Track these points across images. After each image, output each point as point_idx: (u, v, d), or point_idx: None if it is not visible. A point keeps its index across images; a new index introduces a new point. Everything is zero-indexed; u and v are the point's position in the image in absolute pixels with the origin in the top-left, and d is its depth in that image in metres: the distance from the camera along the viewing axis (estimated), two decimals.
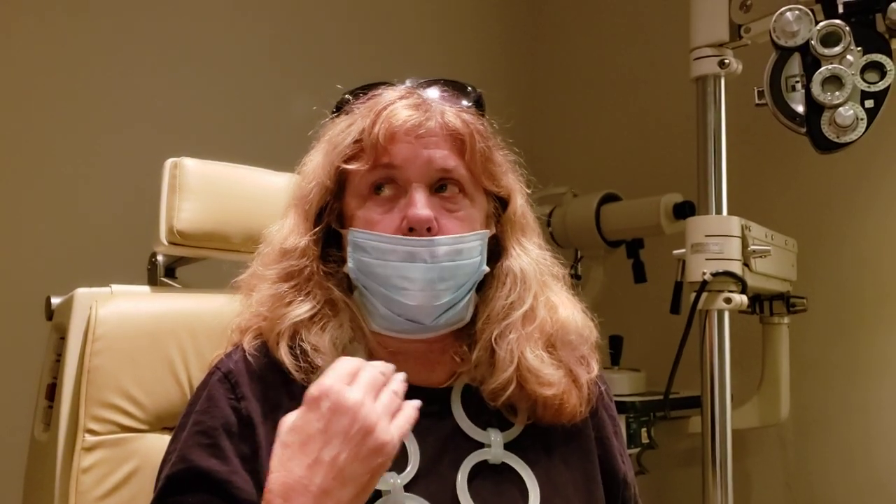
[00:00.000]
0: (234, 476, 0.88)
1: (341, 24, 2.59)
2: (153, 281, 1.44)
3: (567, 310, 1.00)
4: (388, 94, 0.97)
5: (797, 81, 1.35)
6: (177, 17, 2.26)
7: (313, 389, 0.79)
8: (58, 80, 2.04)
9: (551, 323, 0.98)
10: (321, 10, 2.55)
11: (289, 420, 0.80)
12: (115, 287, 1.25)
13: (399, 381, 0.83)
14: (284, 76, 2.41)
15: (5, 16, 1.99)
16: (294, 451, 0.77)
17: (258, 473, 0.88)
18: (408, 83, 0.99)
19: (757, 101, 1.39)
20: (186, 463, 0.89)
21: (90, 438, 1.11)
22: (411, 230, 0.91)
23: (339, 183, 0.98)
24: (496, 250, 1.01)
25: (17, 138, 1.98)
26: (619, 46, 2.79)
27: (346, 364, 0.81)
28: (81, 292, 1.22)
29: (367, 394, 0.78)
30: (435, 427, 0.95)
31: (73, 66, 2.07)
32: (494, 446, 0.95)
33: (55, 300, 1.31)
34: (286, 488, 0.76)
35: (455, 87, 1.00)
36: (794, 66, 1.35)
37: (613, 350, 2.23)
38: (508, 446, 0.96)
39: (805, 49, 1.32)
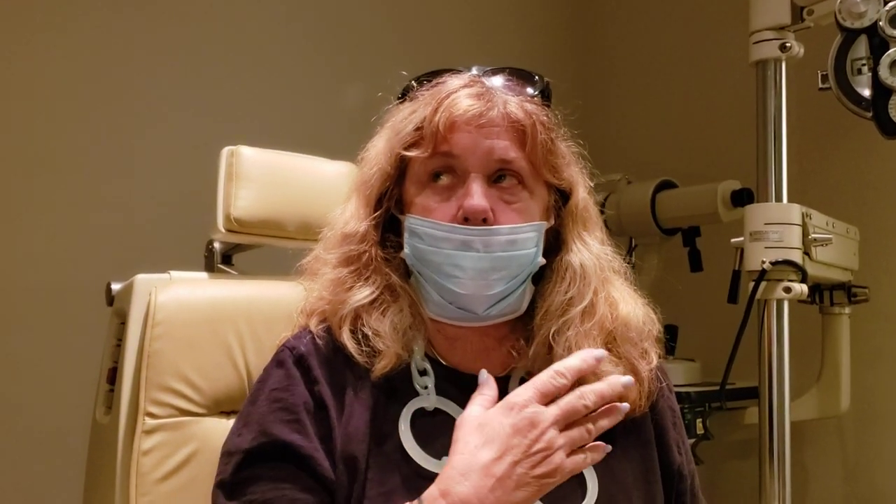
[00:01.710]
0: (317, 453, 0.89)
1: (397, 12, 2.58)
2: (210, 268, 1.46)
3: (628, 305, 0.99)
4: (452, 82, 0.96)
5: (863, 64, 1.31)
6: (237, 5, 2.28)
7: (513, 397, 0.83)
8: (116, 70, 2.08)
9: (611, 319, 0.97)
10: None
11: (476, 412, 0.85)
12: (174, 273, 1.27)
13: (600, 428, 0.84)
14: (340, 65, 2.42)
15: (64, 5, 2.03)
16: (482, 441, 0.81)
17: (332, 454, 0.90)
18: (474, 70, 0.98)
19: (821, 86, 1.36)
20: (269, 437, 0.90)
21: (150, 421, 1.13)
22: (466, 220, 0.91)
23: (400, 169, 0.98)
24: (556, 244, 1.00)
25: (76, 128, 2.02)
26: (675, 29, 2.75)
27: (550, 381, 0.83)
28: (141, 278, 1.25)
29: (558, 420, 0.82)
30: None
31: (131, 54, 2.10)
32: None
33: (115, 286, 1.34)
34: (467, 468, 0.80)
35: (521, 76, 0.99)
36: (861, 48, 1.31)
37: (669, 340, 2.20)
38: None
39: (873, 30, 1.29)
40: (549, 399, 0.82)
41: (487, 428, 0.82)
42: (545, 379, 0.83)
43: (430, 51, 2.46)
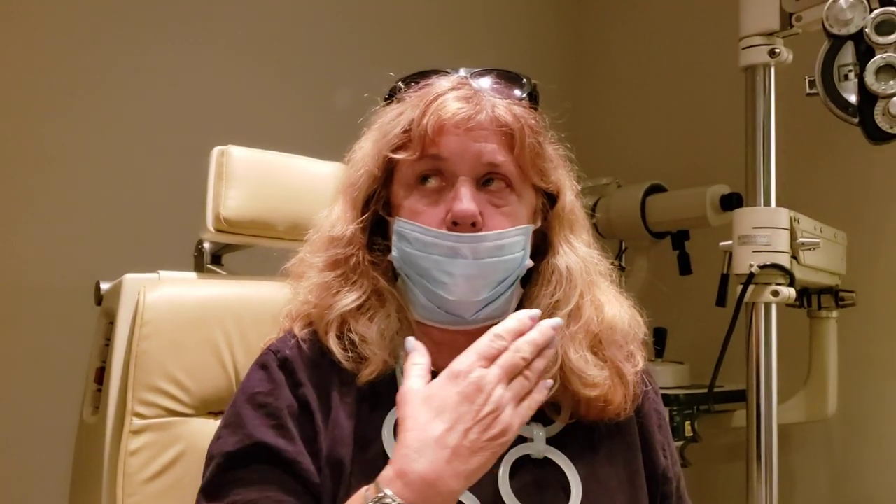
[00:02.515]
0: (301, 457, 0.89)
1: (389, 13, 2.59)
2: (199, 268, 1.46)
3: (614, 308, 0.98)
4: (440, 84, 0.95)
5: (850, 70, 1.32)
6: (227, 6, 2.28)
7: (456, 365, 0.82)
8: (107, 69, 2.07)
9: (597, 322, 0.97)
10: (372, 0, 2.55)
11: (417, 384, 0.83)
12: (163, 273, 1.27)
13: (536, 369, 0.84)
14: (331, 65, 2.42)
15: (55, 6, 2.02)
16: (431, 415, 0.80)
17: (318, 457, 0.90)
18: (461, 72, 0.98)
19: (808, 91, 1.37)
20: (252, 440, 0.89)
21: (137, 422, 1.13)
22: (455, 224, 0.91)
23: (388, 171, 0.98)
24: (543, 246, 1.00)
25: (66, 127, 2.02)
26: (666, 34, 2.76)
27: (488, 345, 0.83)
28: (130, 278, 1.25)
29: (502, 379, 0.81)
30: None
31: (121, 53, 2.10)
32: (537, 441, 0.94)
33: (104, 285, 1.34)
34: (421, 444, 0.78)
35: (509, 79, 0.98)
36: (848, 54, 1.32)
37: (657, 342, 2.21)
38: (551, 441, 0.95)
39: (859, 37, 1.29)
40: (490, 362, 0.82)
41: (435, 399, 0.80)
42: (485, 343, 0.83)
43: (420, 52, 2.47)
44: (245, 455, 0.89)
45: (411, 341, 0.89)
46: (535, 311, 0.86)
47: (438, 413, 0.79)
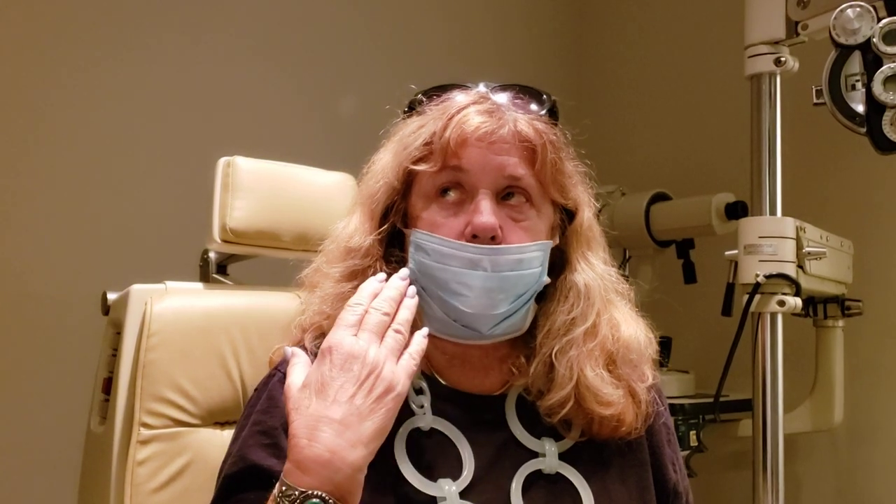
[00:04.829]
0: None
1: (397, 24, 2.59)
2: (205, 278, 1.46)
3: (630, 328, 0.98)
4: (461, 98, 0.95)
5: (857, 80, 1.31)
6: (232, 16, 2.28)
7: (325, 344, 0.83)
8: (113, 80, 2.08)
9: (613, 341, 0.96)
10: (376, 11, 2.56)
11: (294, 379, 0.84)
12: (170, 283, 1.27)
13: (402, 320, 0.87)
14: (337, 75, 2.42)
15: (57, 16, 2.03)
16: (311, 398, 0.80)
17: None
18: (481, 87, 0.98)
19: (815, 101, 1.36)
20: (246, 462, 0.89)
21: (145, 432, 1.14)
22: (475, 237, 0.90)
23: (407, 183, 0.97)
24: (560, 263, 0.99)
25: (73, 138, 2.02)
26: (670, 42, 2.76)
27: (350, 314, 0.85)
28: (137, 288, 1.25)
29: (372, 340, 0.83)
30: (490, 435, 0.94)
31: (126, 62, 2.10)
32: (549, 456, 0.94)
33: (111, 296, 1.34)
34: (308, 427, 0.78)
35: (529, 94, 0.98)
36: (855, 64, 1.32)
37: (662, 351, 2.19)
38: (563, 456, 0.95)
39: (866, 47, 1.29)
40: (356, 329, 0.84)
41: (312, 383, 0.81)
42: (345, 314, 0.85)
43: (427, 65, 2.47)
44: (240, 478, 0.89)
45: (287, 350, 0.91)
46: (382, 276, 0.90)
47: (318, 392, 0.80)
